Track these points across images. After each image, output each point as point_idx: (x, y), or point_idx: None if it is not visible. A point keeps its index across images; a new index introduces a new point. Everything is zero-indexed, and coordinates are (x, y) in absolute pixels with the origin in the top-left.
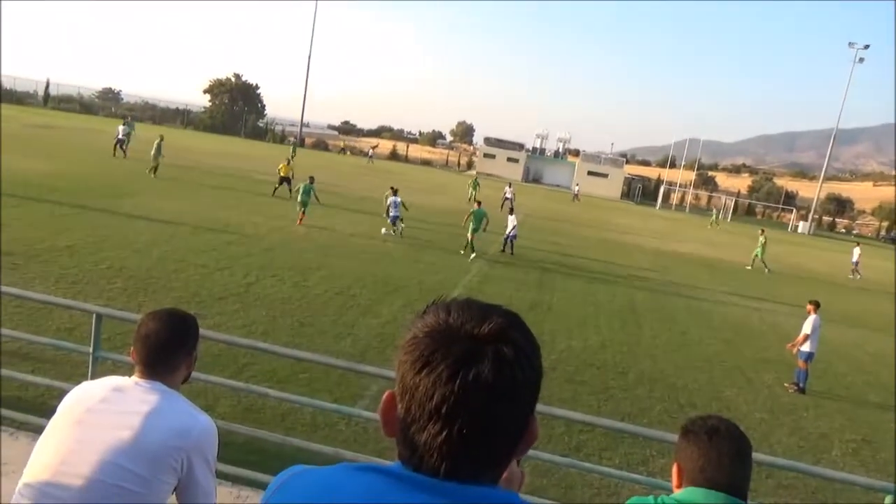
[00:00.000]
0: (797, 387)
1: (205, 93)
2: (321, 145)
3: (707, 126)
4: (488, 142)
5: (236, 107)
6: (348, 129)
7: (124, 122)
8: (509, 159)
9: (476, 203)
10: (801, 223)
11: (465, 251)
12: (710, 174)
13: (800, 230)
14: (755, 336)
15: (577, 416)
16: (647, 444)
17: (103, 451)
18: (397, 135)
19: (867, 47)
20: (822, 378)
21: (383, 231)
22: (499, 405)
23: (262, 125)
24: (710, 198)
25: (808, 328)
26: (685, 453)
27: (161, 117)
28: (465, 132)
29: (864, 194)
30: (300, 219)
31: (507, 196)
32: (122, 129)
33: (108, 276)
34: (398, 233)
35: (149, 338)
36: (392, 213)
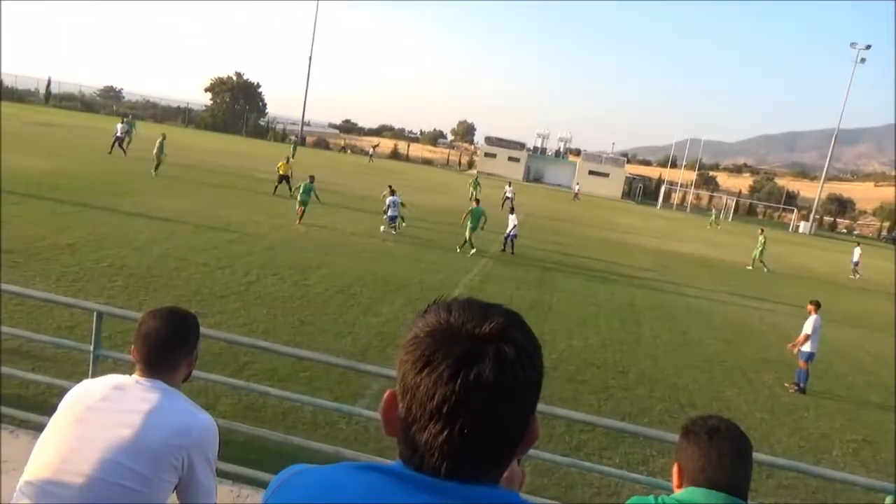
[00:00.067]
0: (798, 387)
1: (206, 91)
2: (322, 144)
3: (708, 126)
4: (489, 141)
5: (237, 105)
6: (349, 127)
7: (122, 120)
8: (510, 158)
9: (475, 201)
10: (803, 223)
11: (461, 249)
12: (712, 174)
13: (801, 230)
14: (756, 336)
15: (578, 415)
16: (648, 444)
17: (104, 450)
18: (398, 134)
19: (869, 47)
20: (823, 378)
21: (382, 229)
22: (500, 405)
23: (263, 124)
24: (711, 198)
25: (808, 328)
26: (686, 453)
27: (162, 115)
28: (466, 131)
29: (865, 195)
30: (299, 218)
31: (507, 195)
32: (121, 128)
33: (109, 274)
34: (397, 231)
35: (150, 336)
36: (391, 212)
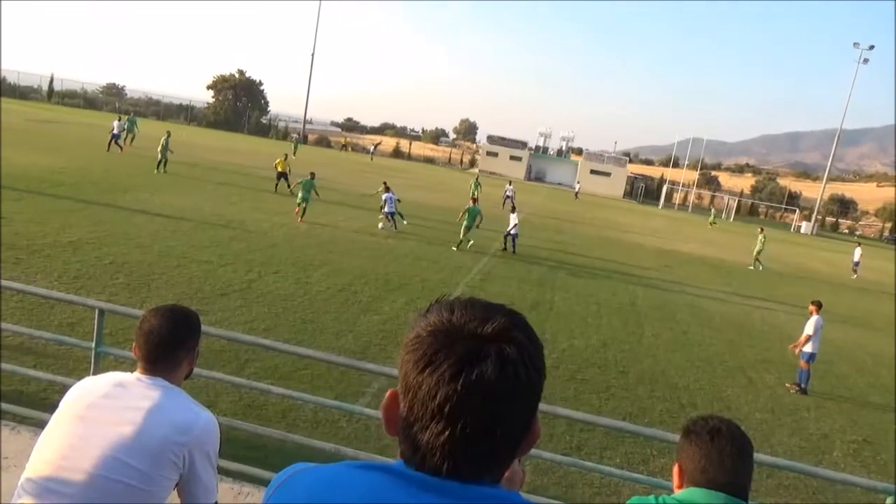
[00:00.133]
0: (799, 387)
1: (208, 88)
2: (324, 142)
3: (710, 126)
4: (491, 140)
5: (240, 103)
6: (351, 125)
7: (119, 117)
8: (512, 157)
9: (471, 200)
10: (804, 223)
11: (458, 248)
12: (714, 174)
13: (802, 230)
14: (757, 336)
15: (579, 415)
16: (648, 444)
17: (105, 447)
18: (400, 132)
19: (872, 48)
20: (824, 379)
21: (380, 226)
22: (501, 405)
23: (265, 121)
24: (712, 197)
25: (810, 329)
26: (687, 453)
27: (165, 113)
28: (468, 130)
29: (867, 195)
30: (300, 215)
31: (507, 194)
32: (118, 125)
33: (111, 271)
34: (397, 228)
35: (151, 334)
36: (388, 208)
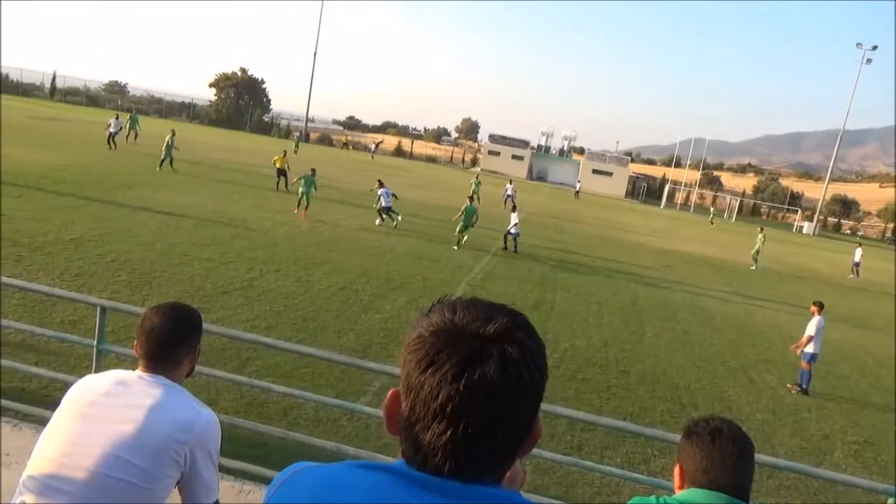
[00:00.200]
0: (800, 388)
1: (210, 86)
2: (325, 140)
3: (712, 126)
4: (493, 139)
5: (242, 101)
6: (353, 124)
7: (117, 115)
8: (514, 157)
9: (468, 199)
10: (806, 224)
11: (458, 246)
12: (716, 174)
13: (804, 231)
14: (758, 336)
15: (580, 414)
16: (649, 444)
17: (106, 445)
18: (402, 131)
19: (875, 48)
20: (825, 379)
21: (377, 222)
22: (503, 405)
23: (267, 119)
24: (714, 197)
25: (811, 329)
26: (688, 454)
27: (167, 111)
28: (470, 129)
29: (869, 196)
30: (303, 212)
31: (508, 193)
32: (115, 123)
33: (113, 268)
34: (395, 224)
35: (153, 331)
36: (384, 202)
